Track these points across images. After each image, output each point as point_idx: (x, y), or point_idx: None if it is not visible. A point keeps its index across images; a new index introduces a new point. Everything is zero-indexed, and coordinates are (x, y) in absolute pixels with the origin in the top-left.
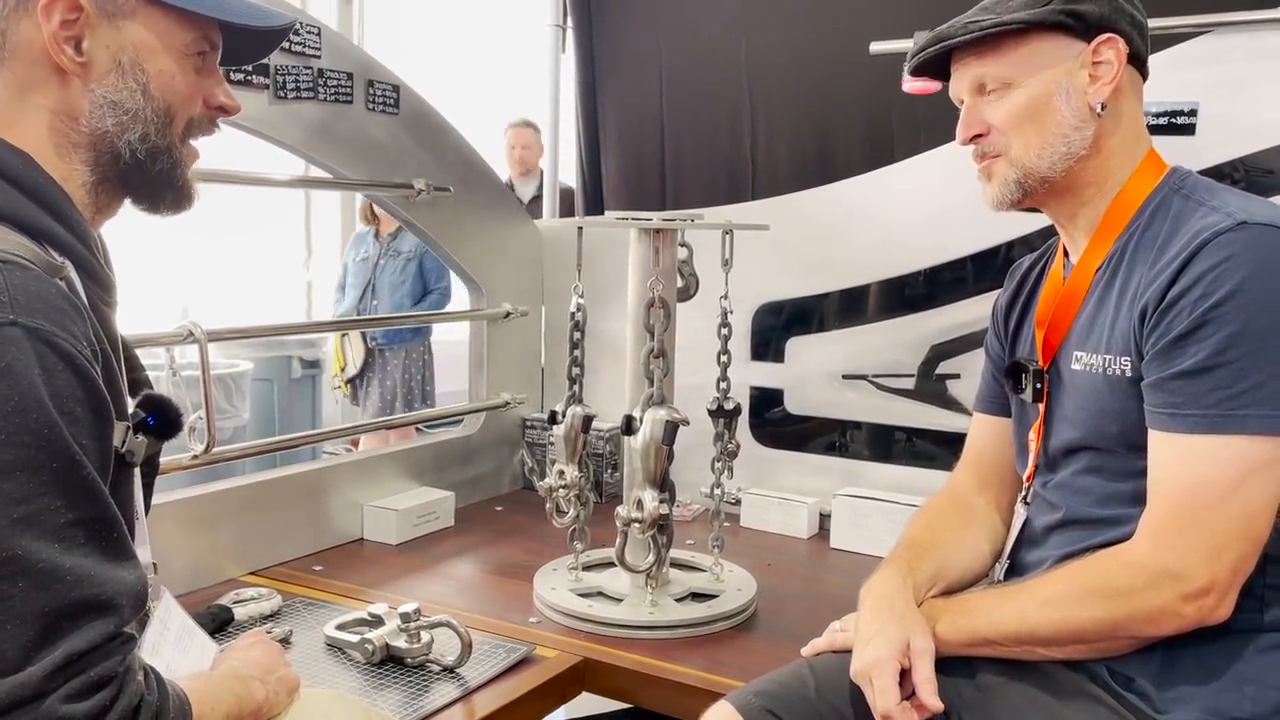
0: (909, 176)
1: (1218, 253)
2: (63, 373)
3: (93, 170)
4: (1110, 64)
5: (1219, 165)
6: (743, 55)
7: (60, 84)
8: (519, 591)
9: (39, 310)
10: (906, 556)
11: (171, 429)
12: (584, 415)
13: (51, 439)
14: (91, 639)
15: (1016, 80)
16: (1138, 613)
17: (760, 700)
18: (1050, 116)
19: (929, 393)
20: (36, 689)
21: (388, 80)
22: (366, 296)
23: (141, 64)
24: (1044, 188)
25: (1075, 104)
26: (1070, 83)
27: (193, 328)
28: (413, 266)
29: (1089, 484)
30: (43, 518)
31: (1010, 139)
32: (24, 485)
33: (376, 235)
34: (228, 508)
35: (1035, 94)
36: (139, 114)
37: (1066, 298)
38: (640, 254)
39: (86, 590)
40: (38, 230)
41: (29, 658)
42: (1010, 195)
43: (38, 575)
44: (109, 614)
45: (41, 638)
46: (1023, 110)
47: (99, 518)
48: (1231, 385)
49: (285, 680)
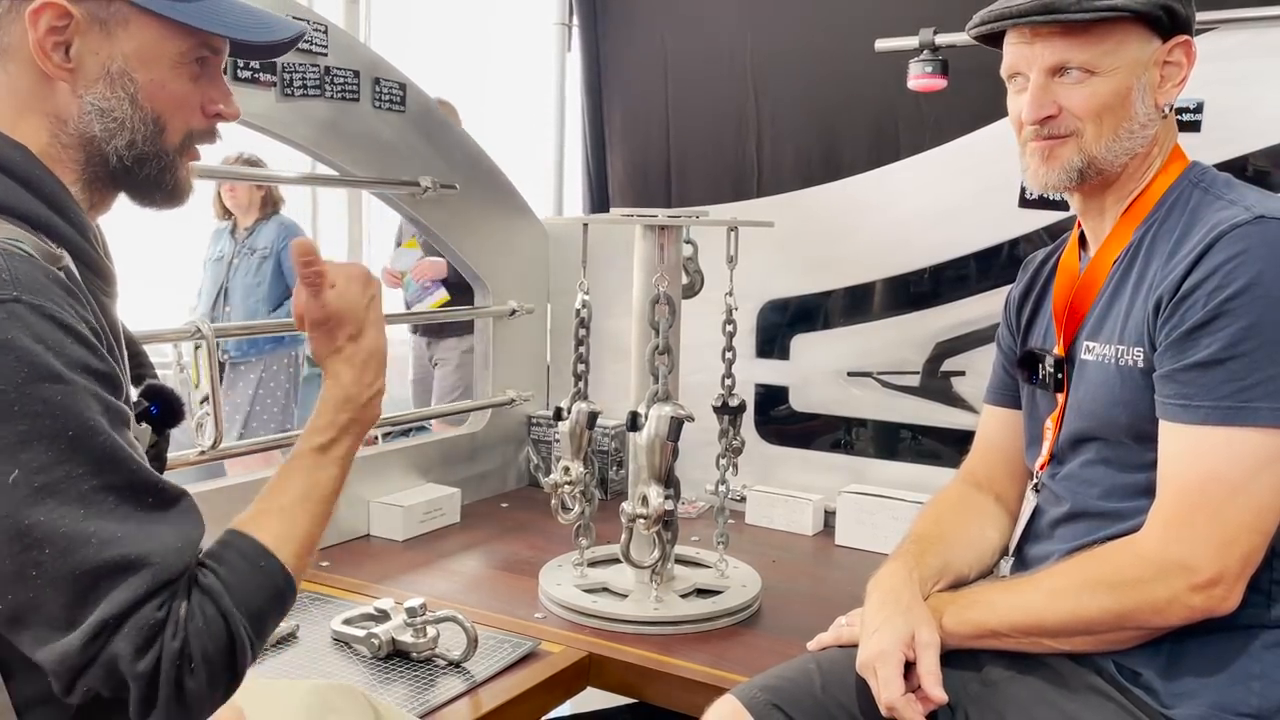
0: (914, 174)
1: (1234, 246)
2: (72, 345)
3: (84, 169)
4: (1180, 66)
5: (1224, 162)
6: (748, 53)
7: (50, 88)
8: (524, 587)
9: (40, 291)
10: (913, 550)
11: (174, 418)
12: (589, 412)
13: (65, 405)
14: (126, 599)
15: (1101, 68)
16: (1146, 604)
17: (766, 695)
18: (1126, 110)
19: (934, 390)
20: (83, 654)
21: (394, 78)
22: (219, 302)
23: (131, 73)
24: (1099, 178)
25: (1148, 102)
26: (1147, 79)
27: (200, 324)
28: (269, 266)
29: (1096, 475)
30: (64, 486)
31: (1085, 126)
32: (42, 454)
33: (233, 231)
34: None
35: (1117, 85)
36: (126, 122)
37: (1083, 287)
38: (645, 251)
39: (114, 550)
40: (36, 221)
41: (73, 620)
42: (1069, 181)
43: (62, 540)
44: (141, 570)
45: (81, 600)
46: (1104, 100)
47: (124, 480)
48: (1244, 377)
49: (373, 322)
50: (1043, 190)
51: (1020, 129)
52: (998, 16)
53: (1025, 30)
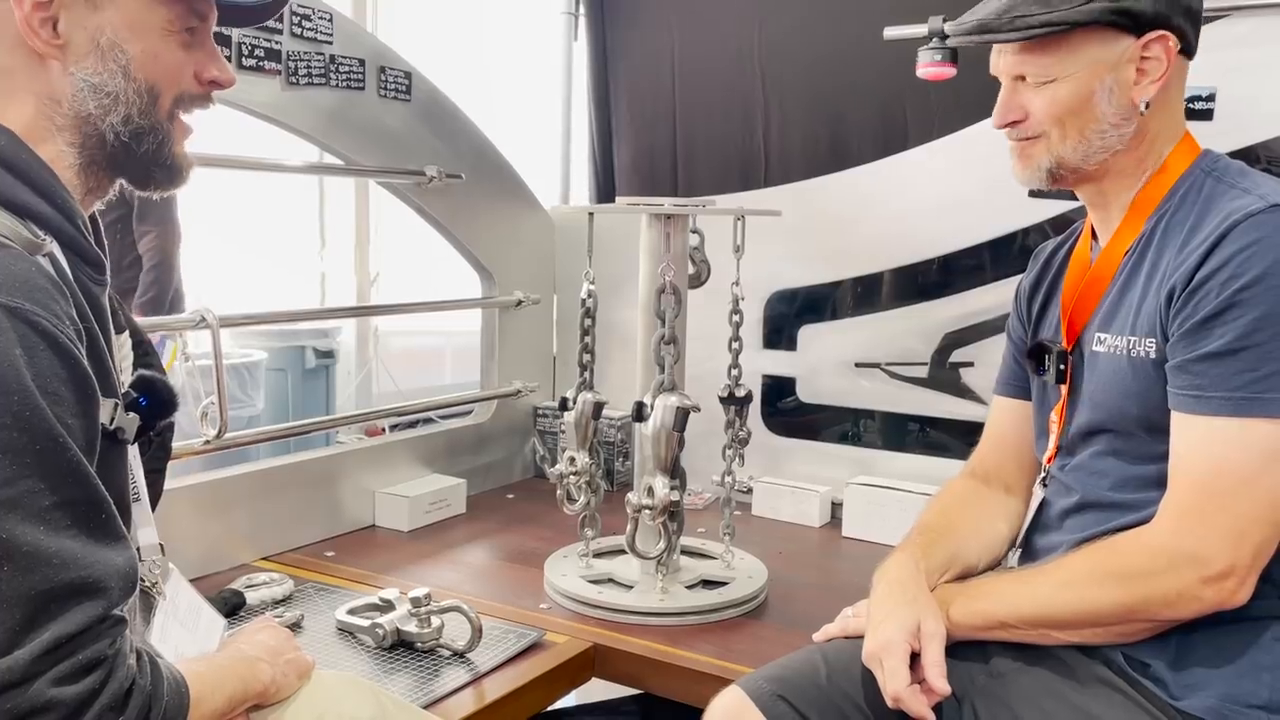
0: (922, 163)
1: (1248, 235)
2: (44, 352)
3: (80, 153)
4: (1159, 61)
5: (1237, 151)
6: (755, 41)
7: (40, 67)
8: (530, 578)
9: (18, 289)
10: (920, 541)
11: (164, 410)
12: (595, 402)
13: (34, 421)
14: (80, 621)
15: (1057, 74)
16: (1156, 595)
17: (771, 686)
18: (1090, 112)
19: (942, 381)
20: (24, 672)
21: (400, 67)
22: None
23: (121, 44)
24: (1075, 176)
25: (1118, 101)
26: (1115, 78)
27: (205, 313)
28: None
29: (1107, 466)
30: (26, 500)
31: (1050, 129)
32: (6, 468)
33: None
34: (241, 493)
35: (1077, 89)
36: (120, 96)
37: (1093, 279)
38: (651, 240)
39: (74, 573)
40: (21, 207)
41: (16, 641)
42: (1041, 180)
43: (23, 558)
44: (97, 596)
45: (29, 621)
46: (1063, 104)
47: (85, 499)
48: (1257, 368)
49: (295, 663)
50: (1027, 186)
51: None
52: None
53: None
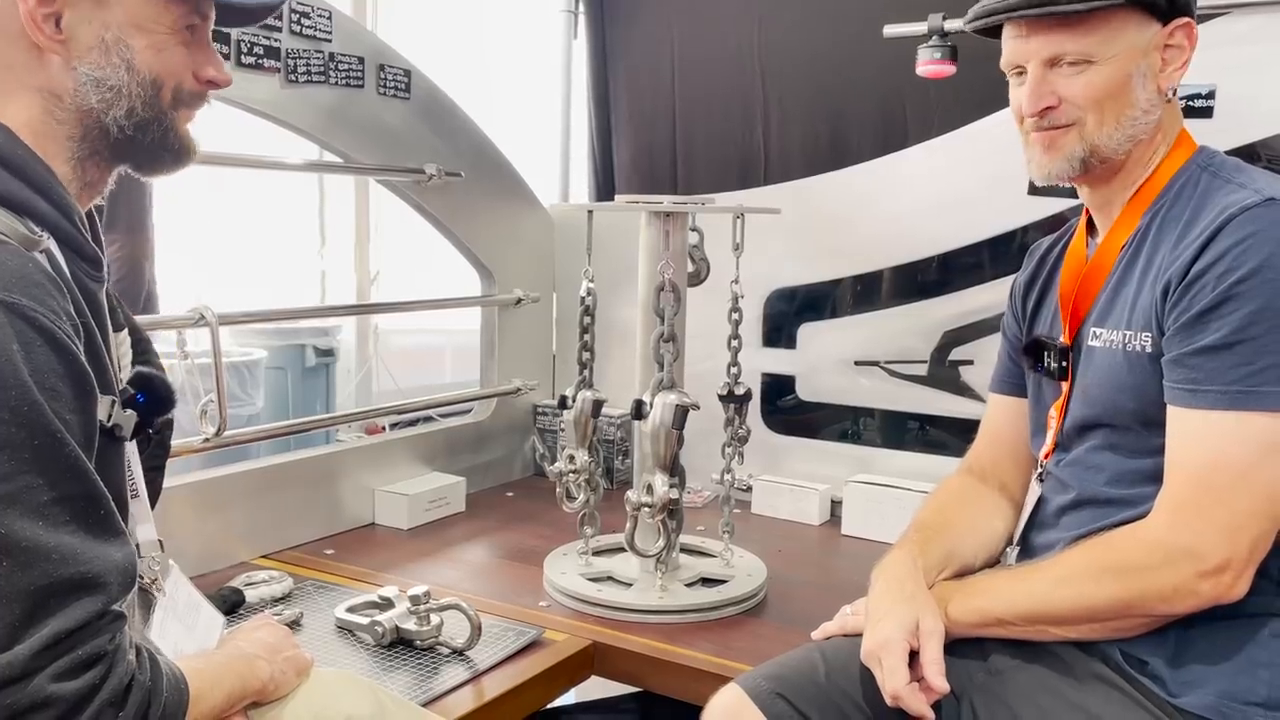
0: (922, 161)
1: (1243, 228)
2: (41, 348)
3: (80, 145)
4: (1183, 49)
5: (1236, 149)
6: (755, 39)
7: (40, 62)
8: (529, 576)
9: (15, 285)
10: (918, 539)
11: (161, 407)
12: (594, 400)
13: (32, 416)
14: (79, 617)
15: (1098, 56)
16: (1153, 590)
17: (770, 684)
18: (1126, 96)
19: (942, 379)
20: (24, 668)
21: (399, 65)
22: None
23: (126, 40)
24: (1103, 166)
25: (1149, 87)
26: (1146, 64)
27: (204, 311)
28: None
29: (1103, 461)
30: (25, 496)
31: (1086, 115)
32: (4, 464)
33: None
34: (240, 491)
35: (1114, 73)
36: (124, 90)
37: (1090, 274)
38: (650, 238)
39: (73, 568)
40: (17, 204)
41: (16, 637)
42: (1072, 170)
43: (21, 554)
44: (96, 592)
45: (28, 616)
46: (1102, 88)
47: (84, 495)
48: (1253, 361)
49: (294, 660)
50: (1046, 181)
51: (1021, 120)
52: (991, 11)
53: (1021, 24)
